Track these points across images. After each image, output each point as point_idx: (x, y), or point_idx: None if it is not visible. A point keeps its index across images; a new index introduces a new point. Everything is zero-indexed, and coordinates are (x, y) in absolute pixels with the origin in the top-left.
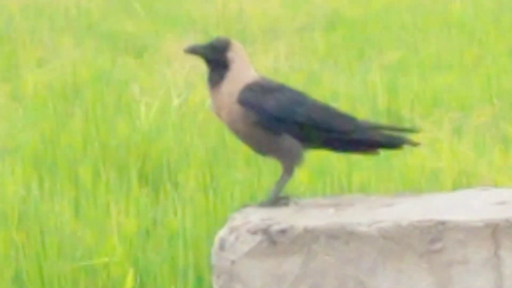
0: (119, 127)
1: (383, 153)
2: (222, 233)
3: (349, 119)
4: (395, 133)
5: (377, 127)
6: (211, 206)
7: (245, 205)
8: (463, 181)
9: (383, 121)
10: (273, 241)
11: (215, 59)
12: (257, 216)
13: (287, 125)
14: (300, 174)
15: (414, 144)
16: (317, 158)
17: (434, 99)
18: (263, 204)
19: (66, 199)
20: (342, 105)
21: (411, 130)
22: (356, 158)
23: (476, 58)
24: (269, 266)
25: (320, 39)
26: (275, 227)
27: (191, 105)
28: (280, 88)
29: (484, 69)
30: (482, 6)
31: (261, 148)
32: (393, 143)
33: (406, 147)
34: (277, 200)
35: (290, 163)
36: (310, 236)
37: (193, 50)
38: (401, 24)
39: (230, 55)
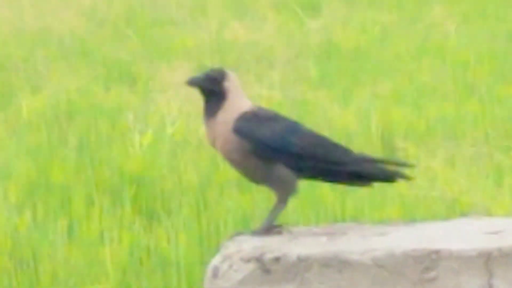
0: (112, 155)
1: (376, 184)
2: (215, 261)
3: (343, 151)
4: (389, 166)
5: (371, 160)
6: (204, 234)
7: (237, 233)
8: (457, 210)
9: (377, 149)
10: (267, 269)
11: (212, 90)
12: (250, 244)
13: (281, 154)
14: (293, 202)
15: (408, 179)
16: (311, 186)
17: (428, 128)
18: (256, 233)
19: (59, 226)
20: (335, 134)
21: (406, 165)
22: (350, 187)
23: (470, 88)
24: None
25: (314, 68)
26: (269, 255)
27: (184, 133)
28: (275, 118)
29: (478, 98)
30: (476, 36)
31: (255, 177)
32: (387, 176)
33: (399, 181)
34: (270, 228)
35: (284, 192)
36: (303, 265)
37: (194, 82)
38: (395, 53)
39: (227, 85)
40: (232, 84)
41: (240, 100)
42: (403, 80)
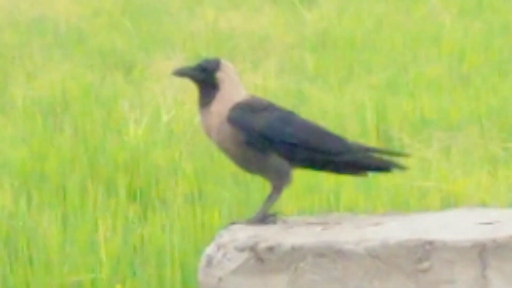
0: (107, 143)
1: (370, 174)
2: (209, 250)
3: (338, 140)
4: (384, 156)
5: (366, 150)
6: (198, 223)
7: (232, 222)
8: (451, 201)
9: (372, 140)
10: (260, 258)
11: (205, 80)
12: (244, 234)
13: (275, 144)
14: (288, 192)
15: (403, 168)
16: (306, 176)
17: (423, 118)
18: (250, 222)
19: (54, 215)
20: (331, 124)
21: (401, 154)
22: (345, 177)
23: (465, 78)
24: (256, 284)
25: (310, 58)
26: (263, 245)
27: (179, 122)
28: (269, 107)
29: (473, 89)
30: (472, 26)
31: (250, 167)
32: (382, 166)
33: (394, 171)
34: (265, 217)
35: (278, 182)
36: (297, 254)
37: (181, 73)
38: (391, 43)
39: (220, 75)
40: (227, 74)
41: (235, 90)
42: (399, 71)
